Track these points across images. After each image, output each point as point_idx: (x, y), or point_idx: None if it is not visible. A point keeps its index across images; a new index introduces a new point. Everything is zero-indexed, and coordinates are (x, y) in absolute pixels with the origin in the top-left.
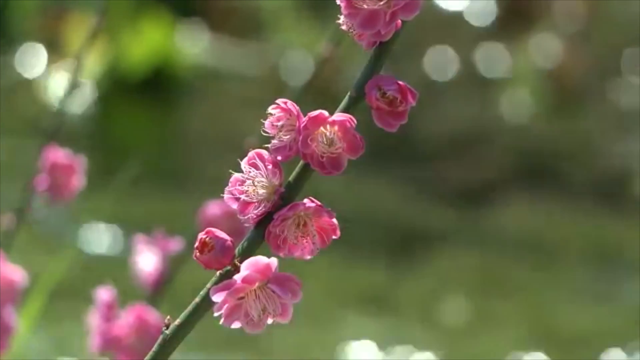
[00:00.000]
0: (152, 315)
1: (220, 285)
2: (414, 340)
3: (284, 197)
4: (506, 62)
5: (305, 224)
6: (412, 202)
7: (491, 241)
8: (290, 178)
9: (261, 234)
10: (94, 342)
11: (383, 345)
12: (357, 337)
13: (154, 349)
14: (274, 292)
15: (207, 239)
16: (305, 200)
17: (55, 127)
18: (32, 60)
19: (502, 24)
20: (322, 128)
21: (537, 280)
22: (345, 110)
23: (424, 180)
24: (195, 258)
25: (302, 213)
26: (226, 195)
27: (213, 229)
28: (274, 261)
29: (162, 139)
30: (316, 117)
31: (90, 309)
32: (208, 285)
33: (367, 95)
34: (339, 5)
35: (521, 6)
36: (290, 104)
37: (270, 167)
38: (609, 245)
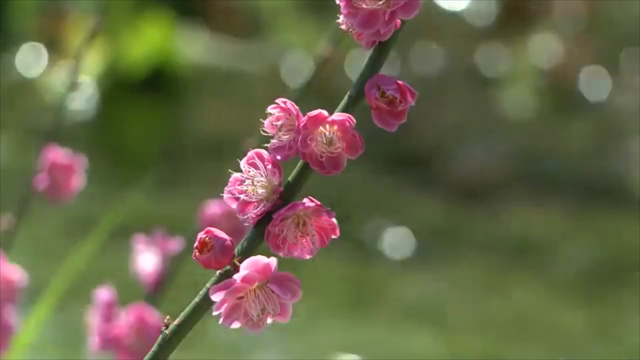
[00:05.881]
0: (152, 315)
1: (219, 284)
2: (412, 340)
3: (284, 197)
4: (506, 62)
5: (304, 224)
6: (411, 202)
7: (490, 241)
8: (290, 178)
9: (261, 234)
10: (94, 342)
11: (379, 345)
12: (355, 337)
13: (153, 348)
14: (273, 292)
15: (207, 238)
16: (305, 200)
17: (55, 127)
18: (32, 60)
19: (502, 24)
20: (321, 127)
21: (536, 280)
22: (345, 110)
23: (422, 180)
24: (194, 258)
25: (301, 213)
26: (226, 195)
27: (212, 229)
28: (273, 261)
29: (162, 138)
30: (315, 116)
31: (91, 308)
32: (207, 285)
33: (367, 94)
34: (339, 5)
35: (521, 6)
36: (290, 104)
37: (269, 166)
38: (609, 245)
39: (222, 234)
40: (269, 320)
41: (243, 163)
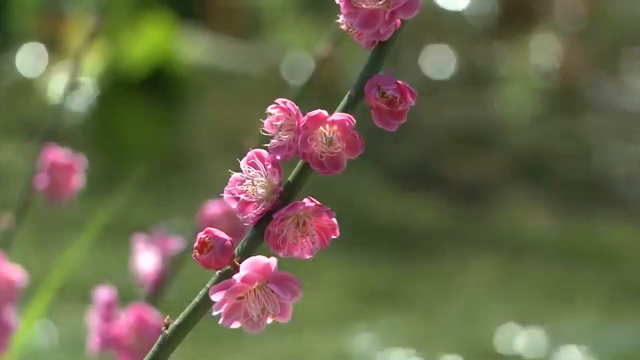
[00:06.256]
0: (152, 315)
1: (219, 284)
2: (416, 340)
3: (284, 197)
4: (506, 62)
5: (304, 224)
6: (411, 202)
7: (490, 241)
8: (290, 178)
9: (261, 234)
10: (93, 342)
11: (382, 344)
12: (361, 335)
13: (153, 348)
14: (273, 292)
15: (207, 238)
16: (305, 200)
17: (55, 127)
18: (32, 60)
19: (502, 24)
20: (321, 127)
21: (536, 280)
22: (345, 110)
23: (423, 180)
24: (194, 258)
25: (301, 213)
26: (226, 195)
27: (212, 229)
28: (273, 261)
29: (162, 138)
30: (315, 116)
31: (91, 308)
32: (207, 285)
33: (367, 95)
34: (339, 5)
35: (521, 6)
36: (290, 104)
37: (269, 166)
38: (608, 245)
39: (222, 234)
40: (269, 320)
41: (243, 163)
